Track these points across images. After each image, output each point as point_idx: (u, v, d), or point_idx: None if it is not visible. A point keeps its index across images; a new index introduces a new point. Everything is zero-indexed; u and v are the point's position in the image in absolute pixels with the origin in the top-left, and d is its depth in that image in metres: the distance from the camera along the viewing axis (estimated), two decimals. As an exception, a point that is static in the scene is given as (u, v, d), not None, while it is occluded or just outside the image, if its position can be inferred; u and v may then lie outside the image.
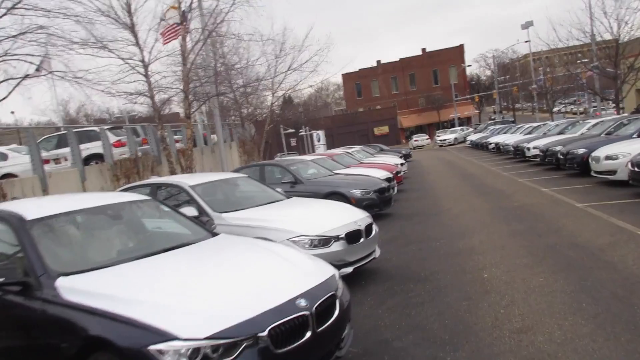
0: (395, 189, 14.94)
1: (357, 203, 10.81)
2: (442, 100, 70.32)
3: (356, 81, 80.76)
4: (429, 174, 23.12)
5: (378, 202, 11.40)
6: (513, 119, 58.92)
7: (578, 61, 42.82)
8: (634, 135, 14.10)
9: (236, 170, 13.18)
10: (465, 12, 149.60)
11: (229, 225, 6.74)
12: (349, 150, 23.00)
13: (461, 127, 58.93)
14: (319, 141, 47.95)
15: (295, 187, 11.69)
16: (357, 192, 11.15)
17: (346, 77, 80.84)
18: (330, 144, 55.63)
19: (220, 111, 22.56)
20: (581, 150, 14.65)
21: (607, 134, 16.44)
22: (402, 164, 21.80)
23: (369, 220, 7.13)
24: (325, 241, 6.36)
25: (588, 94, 66.02)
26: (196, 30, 16.06)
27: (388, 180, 14.26)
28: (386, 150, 35.26)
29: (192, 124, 16.56)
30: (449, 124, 68.50)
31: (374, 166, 16.78)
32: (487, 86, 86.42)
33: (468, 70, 78.96)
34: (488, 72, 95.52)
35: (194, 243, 4.69)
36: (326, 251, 6.22)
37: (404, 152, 35.12)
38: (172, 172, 14.86)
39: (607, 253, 6.67)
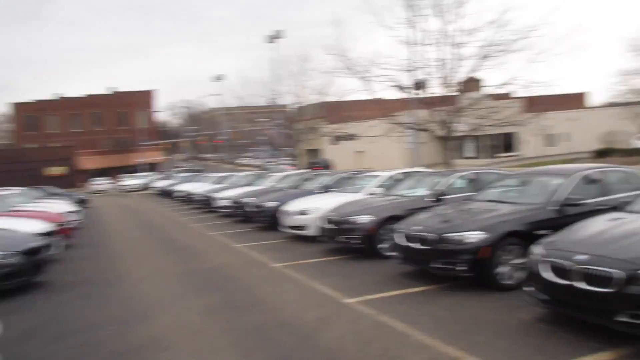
0: (60, 245, 11.54)
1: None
2: (128, 144, 66.33)
3: (29, 114, 69.60)
4: (109, 224, 19.84)
5: (25, 269, 8.05)
6: (201, 168, 59.35)
7: (259, 119, 46.10)
8: (319, 191, 14.37)
9: None
10: (157, 61, 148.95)
11: None
12: (2, 193, 17.94)
13: (148, 173, 56.14)
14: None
15: None
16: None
17: (18, 107, 68.96)
18: (-13, 184, 45.48)
19: None
20: (272, 204, 14.17)
21: (295, 188, 16.63)
22: (73, 212, 18.03)
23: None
24: None
25: (267, 150, 72.53)
26: None
27: (48, 234, 10.85)
28: (58, 194, 29.95)
29: None
30: (135, 169, 64.91)
31: (31, 215, 12.92)
32: (176, 134, 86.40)
33: (157, 117, 77.41)
34: (177, 121, 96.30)
35: None
36: None
37: (80, 197, 30.43)
38: None
39: (322, 334, 5.38)
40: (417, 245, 7.09)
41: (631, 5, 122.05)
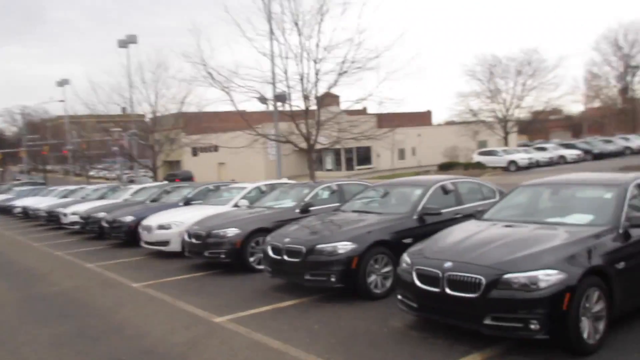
0: None
1: None
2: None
3: None
4: None
5: None
6: (44, 181, 53.65)
7: (113, 129, 43.09)
8: (181, 203, 13.68)
9: None
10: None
11: None
12: None
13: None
14: None
15: None
16: None
17: None
18: None
19: None
20: (129, 218, 13.15)
21: (153, 201, 15.64)
22: None
23: None
24: None
25: (122, 161, 68.04)
26: None
27: None
28: None
29: None
30: (-38, 182, 56.75)
31: None
32: (13, 143, 77.30)
33: (-10, 123, 68.57)
34: (14, 129, 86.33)
35: None
36: None
37: None
38: None
39: (194, 358, 4.98)
40: (288, 258, 6.97)
41: (468, 35, 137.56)
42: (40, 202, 23.59)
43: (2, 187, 45.12)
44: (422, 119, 60.46)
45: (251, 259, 8.90)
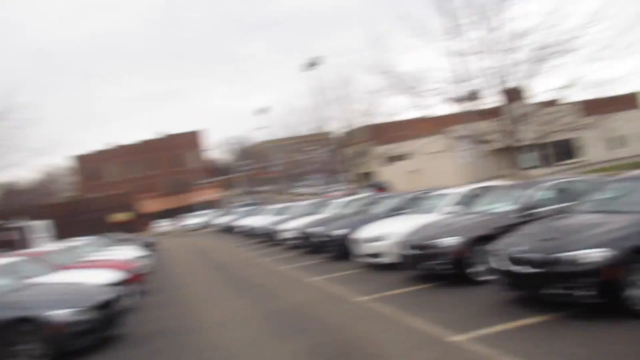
0: (133, 294, 11.31)
1: (63, 331, 7.10)
2: (185, 184, 67.92)
3: (90, 164, 72.84)
4: (177, 265, 19.78)
5: (98, 324, 7.72)
6: (257, 201, 59.68)
7: (308, 148, 46.10)
8: (389, 214, 13.63)
9: None
10: (197, 102, 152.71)
11: None
12: (73, 244, 18.22)
13: (207, 211, 56.99)
14: (41, 233, 40.16)
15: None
16: (60, 314, 7.32)
17: (79, 159, 72.49)
18: (63, 235, 47.17)
19: None
20: (341, 232, 13.55)
21: (360, 213, 15.97)
22: (144, 257, 18.04)
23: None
24: None
25: (321, 177, 72.42)
26: None
27: (119, 284, 10.62)
28: (125, 239, 30.51)
29: None
30: (194, 208, 66.18)
31: (102, 265, 12.82)
32: (229, 170, 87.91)
33: (210, 154, 79.27)
34: (228, 157, 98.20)
35: None
36: None
37: (147, 240, 30.91)
38: None
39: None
40: (524, 269, 6.24)
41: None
42: (258, 221, 26.02)
43: (225, 210, 51.37)
44: (627, 101, 52.06)
45: (472, 270, 8.32)
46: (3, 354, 7.08)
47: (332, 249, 13.92)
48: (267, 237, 22.20)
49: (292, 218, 21.49)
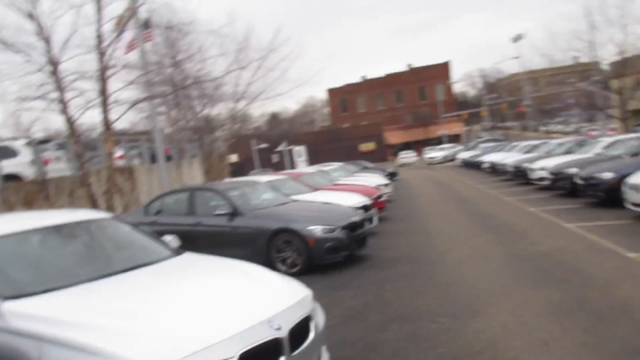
0: (376, 219, 11.77)
1: (317, 245, 7.65)
2: (429, 117, 67.72)
3: (341, 97, 78.03)
4: (417, 196, 20.01)
5: (347, 243, 8.18)
6: (502, 138, 56.20)
7: (571, 80, 40.59)
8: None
9: (159, 197, 9.88)
10: (449, 33, 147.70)
11: None
12: (325, 168, 19.84)
13: (450, 145, 56.19)
14: (300, 157, 44.99)
15: (234, 221, 8.45)
16: (317, 230, 7.92)
17: (331, 92, 78.29)
18: (315, 160, 52.55)
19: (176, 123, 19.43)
20: (608, 175, 11.63)
21: (633, 155, 13.55)
22: (386, 185, 18.69)
23: (304, 310, 3.74)
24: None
25: (580, 113, 64.16)
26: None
27: (365, 208, 11.09)
28: (370, 168, 32.20)
29: (115, 137, 13.22)
30: (437, 141, 65.96)
31: (350, 189, 13.60)
32: (474, 104, 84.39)
33: (454, 88, 76.96)
34: (474, 91, 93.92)
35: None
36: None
37: (389, 170, 32.10)
38: (91, 198, 11.44)
39: None
40: None
41: None
42: (505, 158, 24.41)
43: (469, 144, 49.82)
44: None
45: None
46: (272, 258, 8.05)
47: (595, 194, 12.13)
48: (514, 176, 20.70)
49: (544, 157, 19.51)
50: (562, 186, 14.52)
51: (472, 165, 34.38)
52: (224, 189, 9.05)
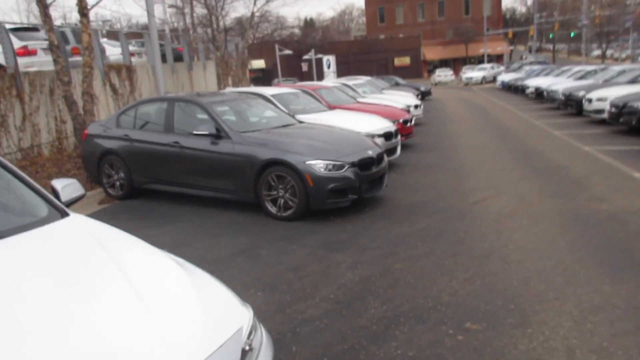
0: (399, 149, 9.89)
1: (317, 185, 5.94)
2: (471, 33, 62.68)
3: (380, 5, 72.69)
4: (451, 122, 17.82)
5: (357, 184, 6.39)
6: (547, 60, 51.73)
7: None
8: None
9: (133, 106, 8.10)
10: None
11: None
12: (350, 82, 17.64)
13: (491, 65, 52.16)
14: (328, 68, 42.33)
15: (218, 145, 6.70)
16: (318, 165, 6.12)
17: (371, 0, 72.88)
18: (344, 72, 49.74)
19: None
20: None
21: None
22: (416, 107, 16.57)
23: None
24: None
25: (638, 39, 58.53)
26: None
27: (387, 136, 9.21)
28: (402, 84, 29.66)
29: (91, 27, 11.23)
30: (477, 60, 61.61)
31: (374, 109, 11.60)
32: (522, 22, 78.00)
33: (503, 3, 70.67)
34: (524, 9, 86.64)
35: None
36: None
37: (422, 88, 29.56)
38: (69, 99, 9.75)
39: None
40: None
41: None
42: (554, 84, 21.66)
43: (512, 65, 45.97)
44: None
45: None
46: (260, 197, 6.39)
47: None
48: (563, 105, 18.18)
49: (602, 85, 16.89)
50: (627, 122, 12.22)
51: (513, 89, 31.46)
52: (209, 102, 7.19)
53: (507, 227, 5.78)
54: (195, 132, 6.72)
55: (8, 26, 12.26)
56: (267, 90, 10.34)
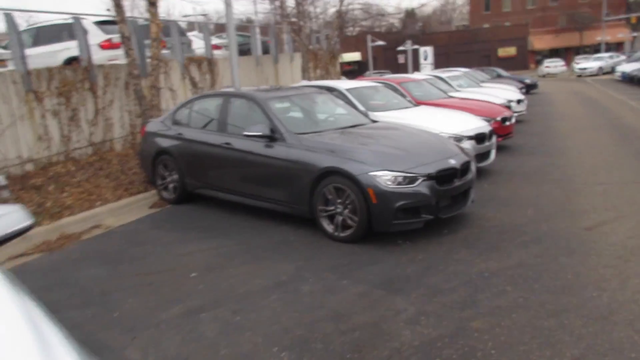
0: (493, 153, 8.42)
1: (383, 202, 4.83)
2: (588, 20, 57.02)
3: (486, -8, 68.50)
4: (559, 119, 15.67)
5: (433, 203, 5.16)
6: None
7: None
8: None
9: (188, 103, 7.39)
10: None
11: None
12: (444, 75, 16.09)
13: (609, 54, 47.01)
14: (425, 59, 40.46)
15: (273, 148, 5.78)
16: (385, 177, 4.98)
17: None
18: (443, 64, 47.28)
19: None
20: None
21: None
22: (519, 102, 14.71)
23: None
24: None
25: None
26: None
27: (479, 138, 7.82)
28: (504, 77, 27.22)
29: (161, 18, 10.74)
30: (592, 49, 56.01)
31: (466, 106, 10.13)
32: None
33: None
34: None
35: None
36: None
37: (528, 81, 26.95)
38: (138, 93, 9.38)
39: None
40: None
41: None
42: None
43: (635, 54, 41.00)
44: None
45: None
46: (316, 212, 5.40)
47: None
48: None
49: None
50: None
51: (637, 81, 27.80)
52: (265, 97, 6.27)
53: (636, 268, 4.31)
54: (246, 133, 5.85)
55: (95, 19, 12.30)
56: (343, 84, 9.28)
